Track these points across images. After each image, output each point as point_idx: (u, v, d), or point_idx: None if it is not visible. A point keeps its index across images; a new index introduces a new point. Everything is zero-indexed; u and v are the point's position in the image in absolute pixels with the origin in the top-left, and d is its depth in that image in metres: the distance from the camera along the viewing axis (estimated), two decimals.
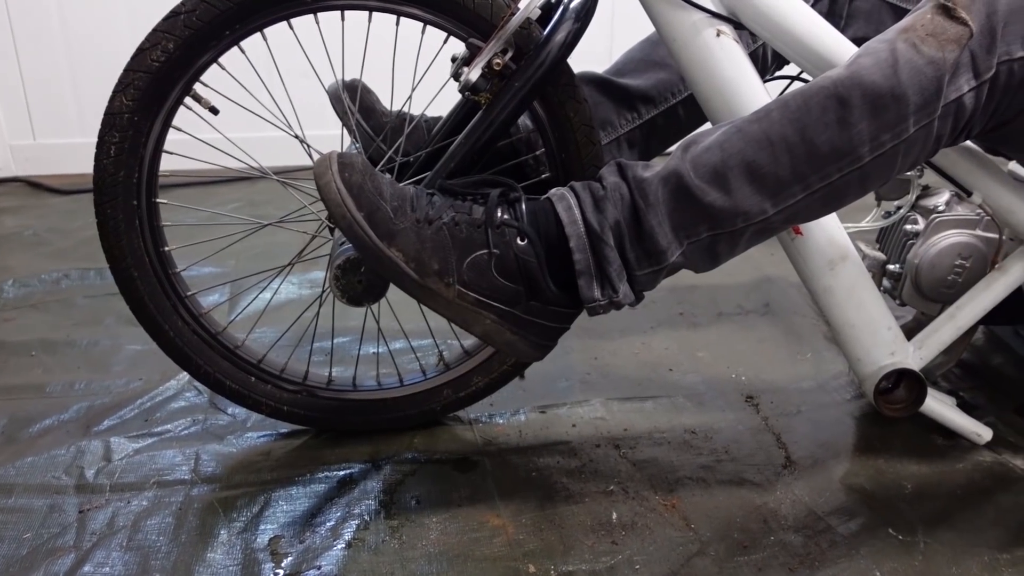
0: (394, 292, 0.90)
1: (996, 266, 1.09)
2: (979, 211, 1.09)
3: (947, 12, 0.81)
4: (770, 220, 0.84)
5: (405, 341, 1.20)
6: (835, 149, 0.81)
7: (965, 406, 1.14)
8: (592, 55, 1.24)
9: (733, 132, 0.83)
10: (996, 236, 1.11)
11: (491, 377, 1.08)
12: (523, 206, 0.84)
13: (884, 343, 1.05)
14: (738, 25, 0.97)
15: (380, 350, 1.20)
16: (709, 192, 0.81)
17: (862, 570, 0.86)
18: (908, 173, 1.13)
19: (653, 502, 0.96)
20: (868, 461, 1.05)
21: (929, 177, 1.13)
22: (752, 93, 0.96)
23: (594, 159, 0.99)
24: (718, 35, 0.95)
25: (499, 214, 0.83)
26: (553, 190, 0.86)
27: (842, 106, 0.80)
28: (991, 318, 1.13)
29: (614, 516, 0.94)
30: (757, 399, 1.18)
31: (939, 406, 1.08)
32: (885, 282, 1.20)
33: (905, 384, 1.07)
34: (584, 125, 0.97)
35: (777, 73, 1.14)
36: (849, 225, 1.17)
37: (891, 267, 1.17)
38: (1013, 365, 1.28)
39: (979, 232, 1.11)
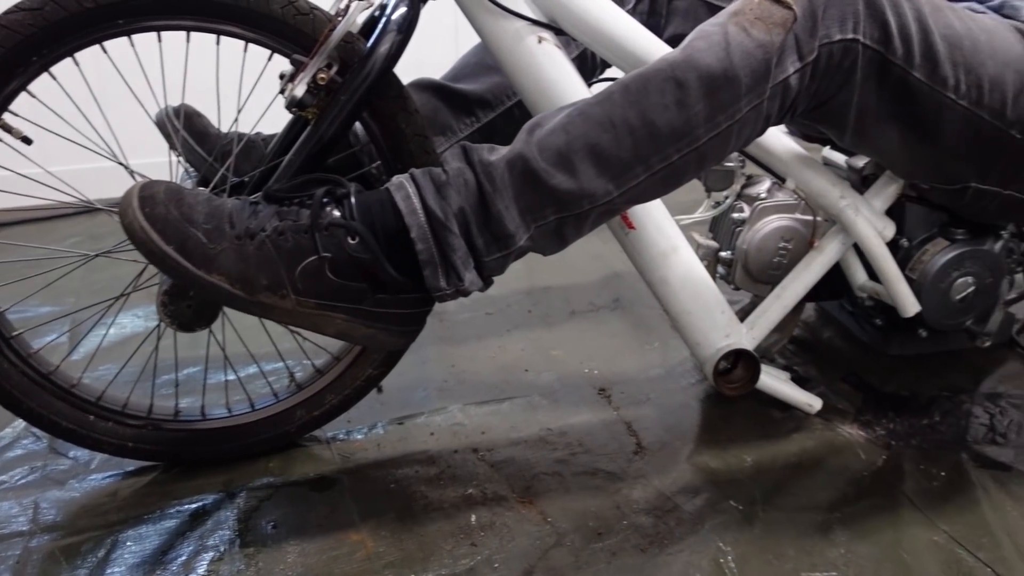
0: (240, 316, 0.88)
1: (814, 246, 1.17)
2: (796, 196, 1.17)
3: None
4: (614, 201, 0.86)
5: (256, 365, 1.18)
6: (675, 130, 0.84)
7: (799, 379, 1.22)
8: (441, 65, 1.26)
9: (576, 115, 0.85)
10: (812, 218, 1.19)
11: (345, 394, 1.07)
12: (353, 201, 0.83)
13: (719, 327, 1.11)
14: (559, 31, 1.01)
15: (229, 376, 1.17)
16: (555, 175, 0.83)
17: (707, 542, 0.91)
18: (730, 164, 1.20)
19: (511, 501, 0.98)
20: (712, 440, 1.10)
21: (752, 168, 1.20)
22: (577, 96, 0.99)
23: None
24: (540, 42, 0.98)
25: (327, 214, 0.82)
26: (392, 179, 0.85)
27: (680, 88, 0.84)
28: (815, 295, 1.21)
29: (473, 519, 0.95)
30: (609, 391, 1.22)
31: (773, 381, 1.15)
32: (720, 269, 1.27)
33: (742, 363, 1.13)
34: (417, 136, 0.98)
35: (601, 76, 1.19)
36: (682, 217, 1.23)
37: (723, 254, 1.23)
38: (841, 337, 1.37)
39: (798, 215, 1.19)
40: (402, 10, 0.93)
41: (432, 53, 2.13)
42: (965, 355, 1.30)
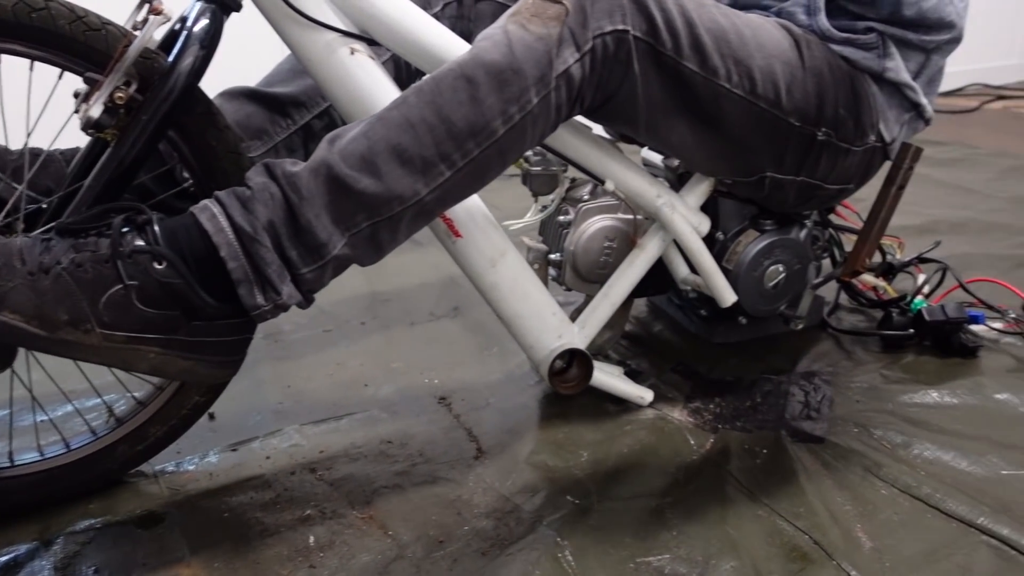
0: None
1: (637, 244, 1.22)
2: (617, 197, 1.21)
3: None
4: (424, 201, 0.87)
5: (70, 404, 1.10)
6: (471, 124, 0.87)
7: (632, 373, 1.26)
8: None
9: (375, 121, 0.86)
10: (633, 217, 1.24)
11: (171, 425, 1.02)
12: (156, 227, 0.80)
13: (551, 328, 1.13)
14: (371, 41, 1.00)
15: (39, 418, 1.10)
16: (361, 179, 0.83)
17: (545, 539, 0.93)
18: (554, 169, 1.23)
19: (351, 518, 0.97)
20: (550, 439, 1.12)
21: (576, 172, 1.24)
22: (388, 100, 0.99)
23: None
24: (352, 53, 0.98)
25: (128, 242, 0.78)
26: (195, 204, 0.83)
27: (470, 84, 0.86)
28: (642, 290, 1.26)
29: (311, 540, 0.93)
30: (449, 399, 1.22)
31: (606, 377, 1.19)
32: (551, 271, 1.30)
33: (576, 362, 1.16)
34: (230, 152, 0.95)
35: None
36: (511, 222, 1.25)
37: (553, 256, 1.26)
38: (671, 330, 1.43)
39: (620, 215, 1.23)
40: (204, 23, 0.90)
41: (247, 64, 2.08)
42: (783, 339, 1.39)
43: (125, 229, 0.79)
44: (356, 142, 0.84)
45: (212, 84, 0.96)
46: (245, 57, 2.05)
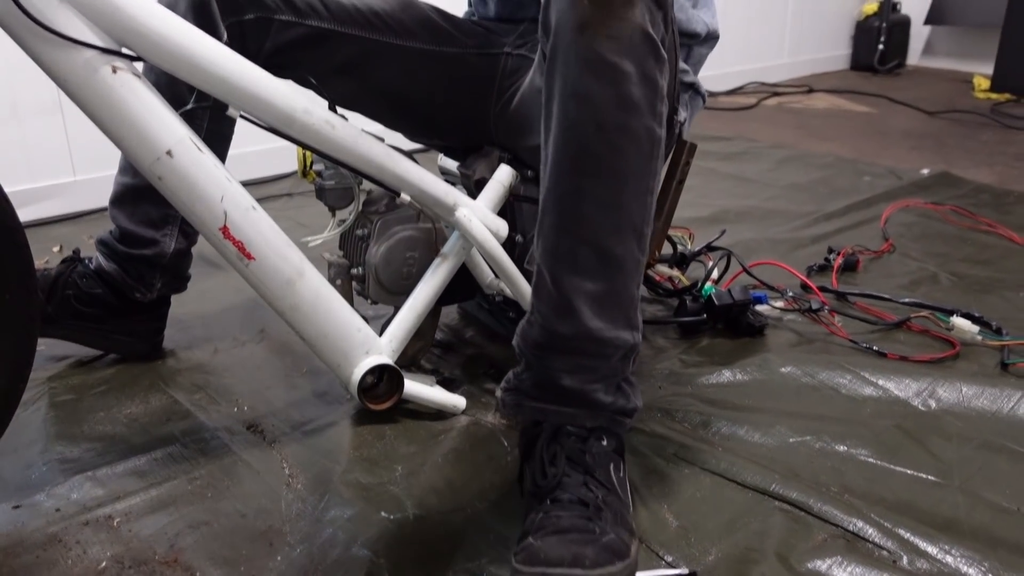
0: None
1: (440, 253, 1.22)
2: (414, 207, 1.21)
3: None
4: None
5: None
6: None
7: (445, 381, 1.26)
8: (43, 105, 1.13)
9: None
10: (434, 228, 1.24)
11: None
12: None
13: (357, 344, 1.12)
14: (135, 57, 0.94)
15: None
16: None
17: (361, 559, 0.91)
18: (347, 182, 1.21)
19: (153, 563, 0.91)
20: (363, 456, 1.10)
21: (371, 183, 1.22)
22: (163, 126, 0.94)
23: (3, 220, 0.89)
24: (115, 71, 0.92)
25: None
26: None
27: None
28: (449, 297, 1.27)
29: None
30: (259, 425, 1.18)
31: (419, 389, 1.18)
32: (356, 285, 1.28)
33: (385, 377, 1.15)
34: None
35: (196, 103, 1.13)
36: (310, 238, 1.22)
37: (355, 271, 1.25)
38: (482, 335, 1.44)
39: (419, 225, 1.23)
40: None
41: (29, 93, 1.93)
42: None
43: None
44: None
45: None
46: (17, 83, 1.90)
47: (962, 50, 4.01)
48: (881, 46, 3.93)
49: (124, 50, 0.92)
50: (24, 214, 0.89)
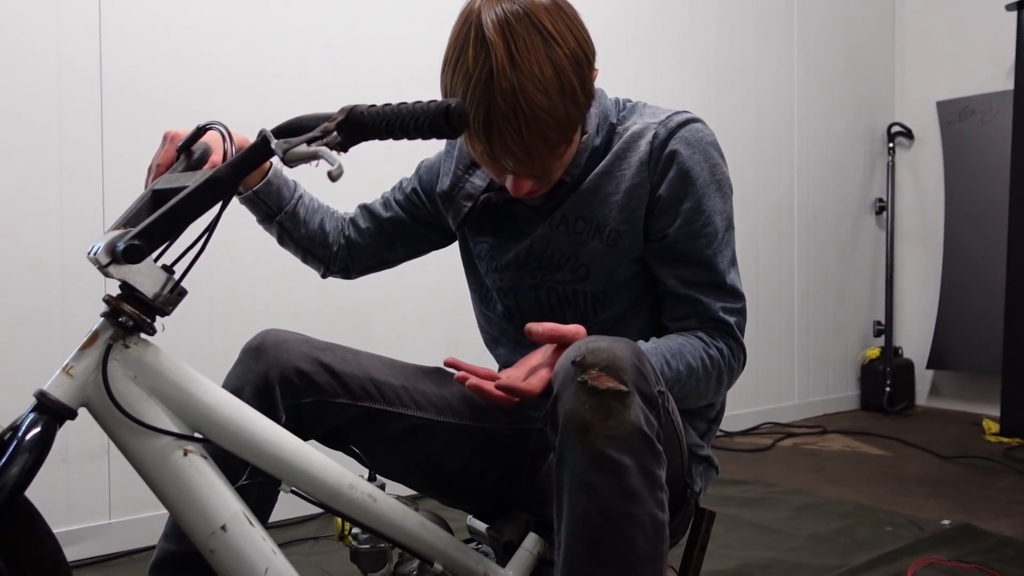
0: None
1: None
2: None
3: None
4: None
5: None
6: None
7: None
8: None
9: None
10: None
11: None
12: None
13: None
14: (205, 440, 1.05)
15: None
16: None
17: None
18: (382, 546, 1.26)
19: None
20: None
21: None
22: (221, 501, 1.02)
23: None
24: (185, 455, 1.02)
25: None
26: None
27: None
28: None
29: None
30: None
31: None
32: None
33: None
34: (48, 560, 0.94)
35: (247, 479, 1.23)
36: None
37: None
38: None
39: None
40: (35, 432, 0.93)
41: (79, 438, 2.05)
42: None
43: None
44: None
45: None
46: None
47: (967, 393, 4.16)
48: (888, 388, 4.10)
49: (196, 434, 1.04)
50: None
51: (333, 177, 0.90)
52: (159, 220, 0.96)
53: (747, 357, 1.27)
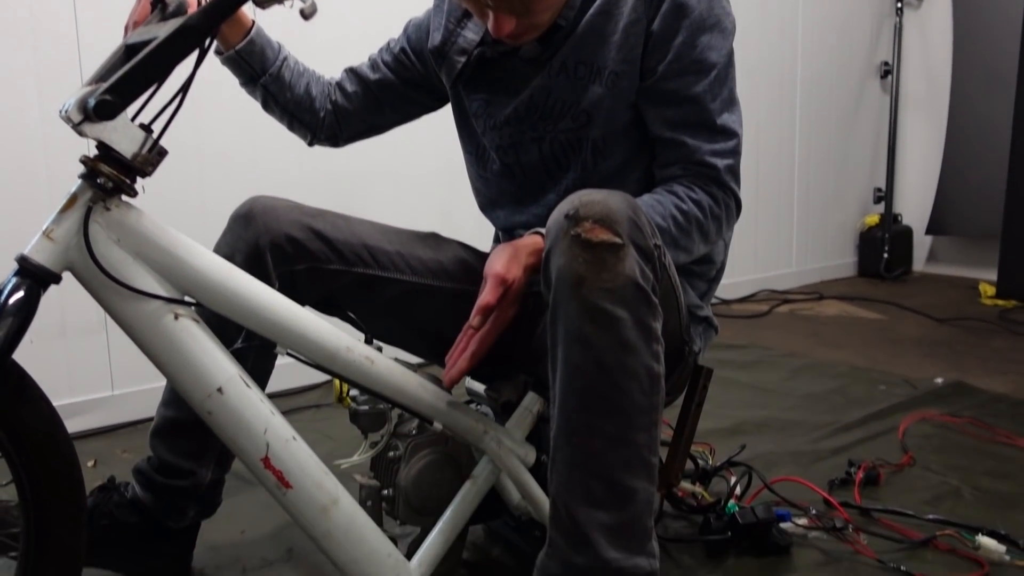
0: None
1: (469, 476, 1.26)
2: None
3: None
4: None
5: None
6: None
7: None
8: None
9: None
10: (462, 450, 1.28)
11: None
12: None
13: (388, 569, 1.13)
14: (196, 304, 1.04)
15: None
16: None
17: None
18: (381, 407, 1.27)
19: None
20: None
21: None
22: (216, 365, 1.02)
23: (65, 459, 0.95)
24: (176, 318, 1.01)
25: None
26: None
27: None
28: (477, 517, 1.29)
29: None
30: None
31: None
32: (385, 506, 1.30)
33: None
34: (43, 424, 0.93)
35: (242, 343, 1.22)
36: (342, 460, 1.27)
37: (385, 492, 1.28)
38: (509, 554, 1.45)
39: (449, 449, 1.28)
40: (19, 296, 0.91)
41: (76, 313, 2.05)
42: None
43: None
44: None
45: None
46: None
47: (965, 258, 4.16)
48: (886, 255, 4.09)
49: (186, 298, 1.02)
50: None
51: (306, 15, 0.85)
52: (131, 72, 0.91)
53: (740, 202, 1.22)
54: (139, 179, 0.97)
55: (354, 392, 1.27)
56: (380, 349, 1.17)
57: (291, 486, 1.07)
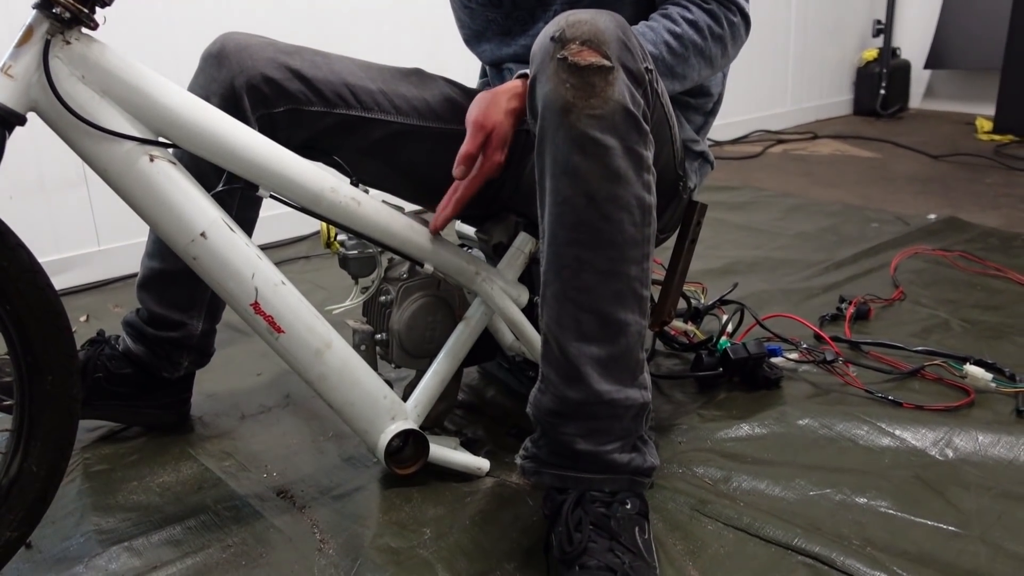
0: None
1: (462, 318, 1.25)
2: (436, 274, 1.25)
3: None
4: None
5: None
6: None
7: (468, 442, 1.29)
8: None
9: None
10: (454, 292, 1.27)
11: None
12: None
13: (383, 411, 1.15)
14: (171, 145, 0.99)
15: None
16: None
17: None
18: (371, 251, 1.25)
19: None
20: (392, 520, 1.13)
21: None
22: (197, 209, 0.99)
23: (49, 305, 0.93)
24: (152, 160, 0.97)
25: None
26: None
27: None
28: (471, 359, 1.30)
29: None
30: (290, 491, 1.20)
31: (443, 452, 1.21)
32: (379, 350, 1.31)
33: (411, 442, 1.17)
34: (24, 272, 0.91)
35: (225, 186, 1.18)
36: (334, 306, 1.26)
37: (379, 336, 1.28)
38: (503, 394, 1.47)
39: (441, 291, 1.27)
40: None
41: (55, 167, 1.99)
42: None
43: None
44: None
45: None
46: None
47: (963, 93, 4.07)
48: (883, 91, 4.00)
49: (161, 139, 0.97)
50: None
51: None
52: None
53: (748, 17, 1.16)
54: (99, 9, 0.91)
55: (342, 236, 1.24)
56: (367, 191, 1.14)
57: (283, 330, 1.06)
